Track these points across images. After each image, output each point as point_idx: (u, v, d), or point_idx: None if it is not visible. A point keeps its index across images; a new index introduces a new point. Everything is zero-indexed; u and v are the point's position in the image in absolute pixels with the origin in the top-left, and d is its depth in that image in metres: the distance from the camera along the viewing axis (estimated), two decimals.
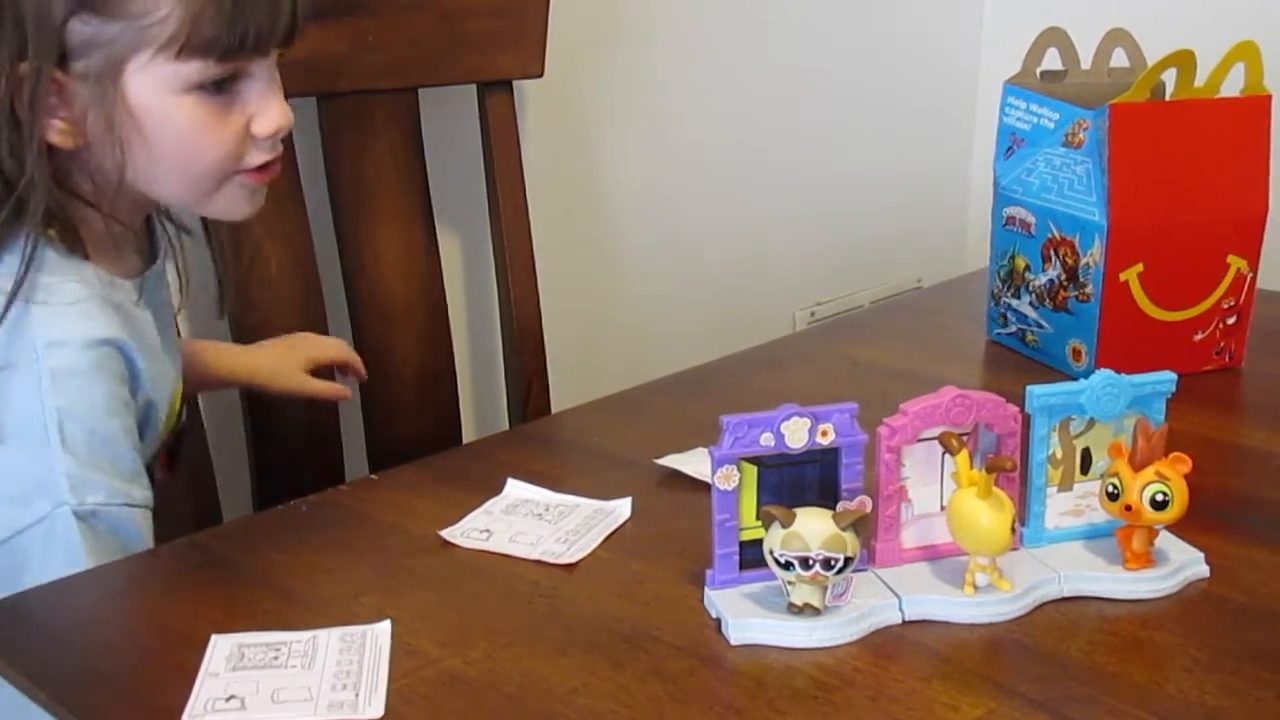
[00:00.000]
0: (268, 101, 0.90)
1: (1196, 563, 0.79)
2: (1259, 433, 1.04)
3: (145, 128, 0.87)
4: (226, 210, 0.95)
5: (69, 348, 0.86)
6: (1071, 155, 1.15)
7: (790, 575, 0.72)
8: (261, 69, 0.90)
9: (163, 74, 0.86)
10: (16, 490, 0.86)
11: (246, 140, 0.90)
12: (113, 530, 0.87)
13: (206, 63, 0.86)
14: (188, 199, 0.93)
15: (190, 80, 0.86)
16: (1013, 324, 1.24)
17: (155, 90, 0.86)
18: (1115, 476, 0.77)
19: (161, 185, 0.91)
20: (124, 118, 0.87)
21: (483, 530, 0.86)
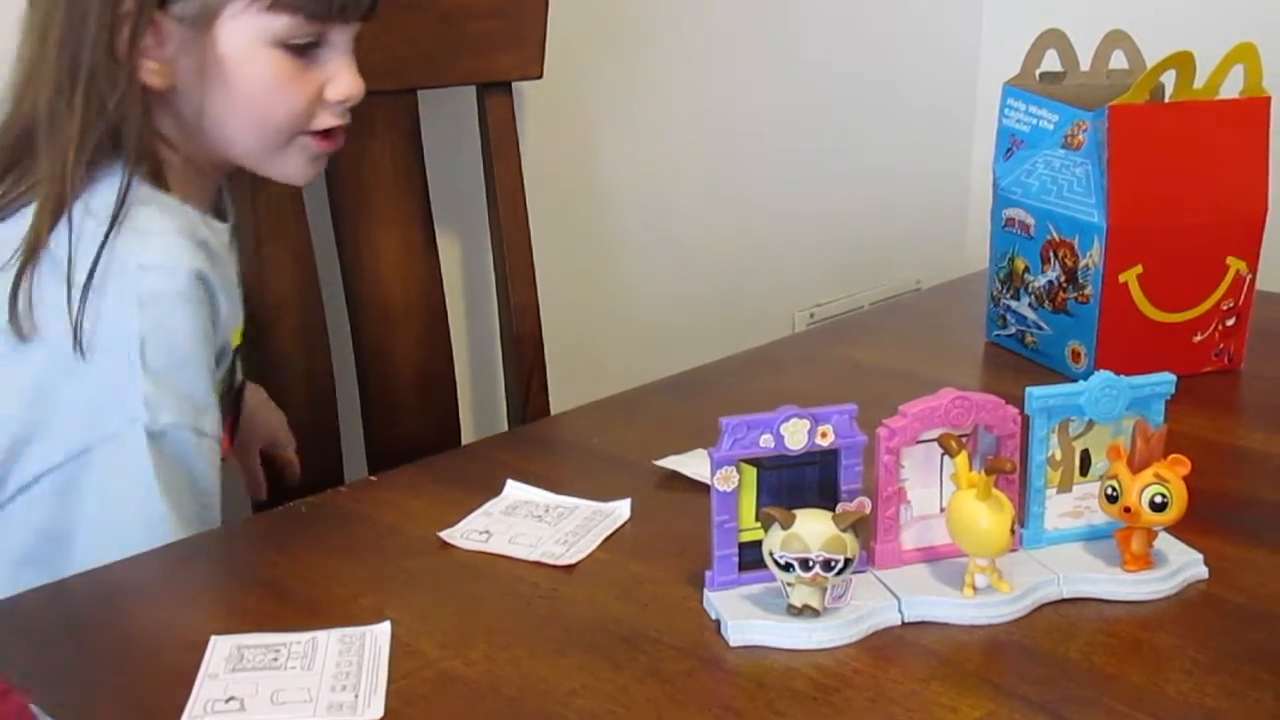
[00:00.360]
0: (342, 69, 0.95)
1: (1195, 564, 0.79)
2: (1258, 434, 1.04)
3: (229, 75, 0.92)
4: (288, 172, 0.99)
5: (159, 273, 0.89)
6: (1071, 157, 1.15)
7: (790, 576, 0.72)
8: (341, 38, 0.95)
9: (253, 25, 0.91)
10: (92, 407, 0.88)
11: (318, 103, 0.95)
12: (179, 456, 0.89)
13: (296, 20, 0.91)
14: (255, 153, 0.96)
15: (277, 35, 0.91)
16: (1012, 325, 1.24)
17: (244, 40, 0.91)
18: (1114, 479, 0.77)
19: (234, 134, 0.95)
20: (211, 63, 0.91)
21: (482, 531, 0.86)
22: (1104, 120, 1.09)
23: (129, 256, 0.88)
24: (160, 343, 0.89)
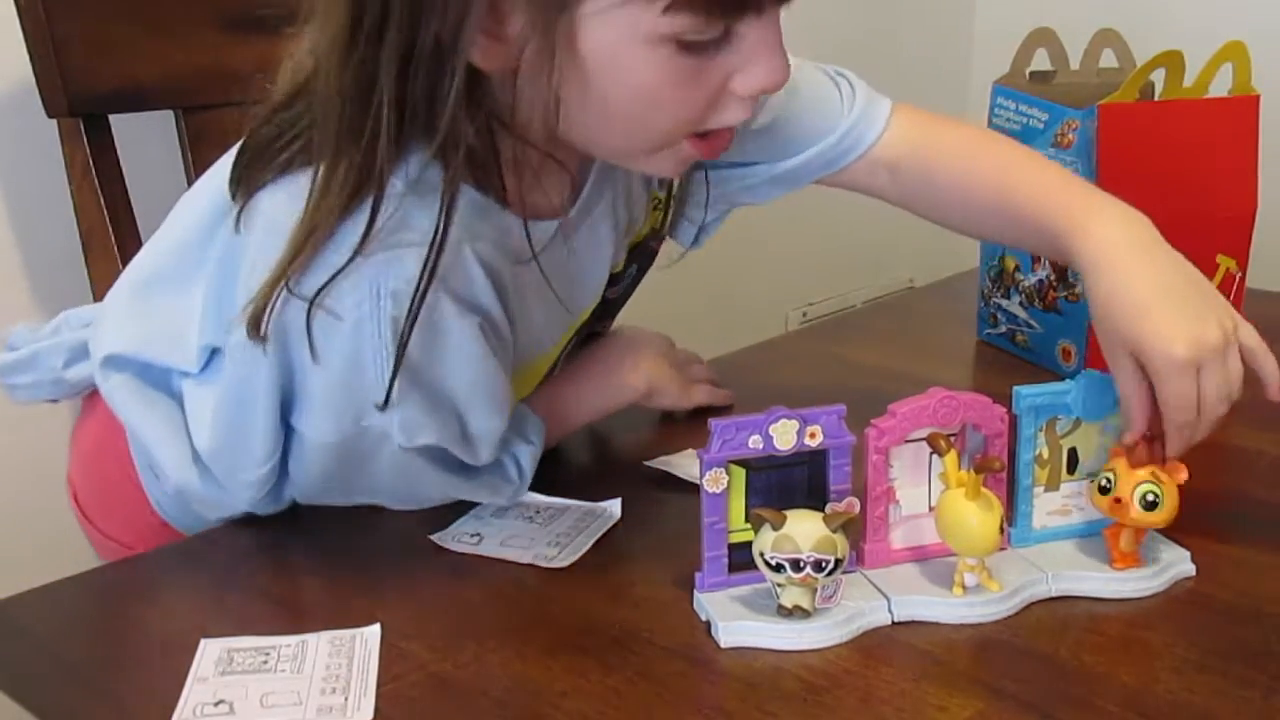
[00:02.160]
0: (759, 55, 0.75)
1: (1183, 561, 0.79)
2: (1247, 432, 1.04)
3: (592, 76, 0.74)
4: (651, 169, 0.87)
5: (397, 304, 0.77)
6: (1061, 155, 1.15)
7: (780, 577, 0.72)
8: (761, 25, 0.75)
9: (634, 22, 0.72)
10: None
11: (720, 99, 0.77)
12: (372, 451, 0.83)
13: (697, 19, 0.72)
14: (619, 155, 0.83)
15: (669, 34, 0.72)
16: (1003, 324, 1.24)
17: (618, 38, 0.73)
18: (1111, 470, 0.77)
19: (593, 136, 0.80)
20: (566, 59, 0.73)
21: (473, 534, 0.86)
22: (1094, 119, 1.09)
23: (378, 279, 0.76)
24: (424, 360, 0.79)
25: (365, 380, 0.79)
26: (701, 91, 0.76)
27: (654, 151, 0.81)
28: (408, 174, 0.76)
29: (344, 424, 0.81)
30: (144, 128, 1.21)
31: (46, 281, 1.23)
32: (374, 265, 0.76)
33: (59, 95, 1.11)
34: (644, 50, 0.73)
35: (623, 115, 0.77)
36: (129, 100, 1.16)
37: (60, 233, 1.19)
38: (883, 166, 1.01)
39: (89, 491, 0.98)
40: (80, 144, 1.14)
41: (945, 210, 1.00)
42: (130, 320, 0.89)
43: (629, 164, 0.86)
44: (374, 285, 0.76)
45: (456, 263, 0.78)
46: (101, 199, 1.14)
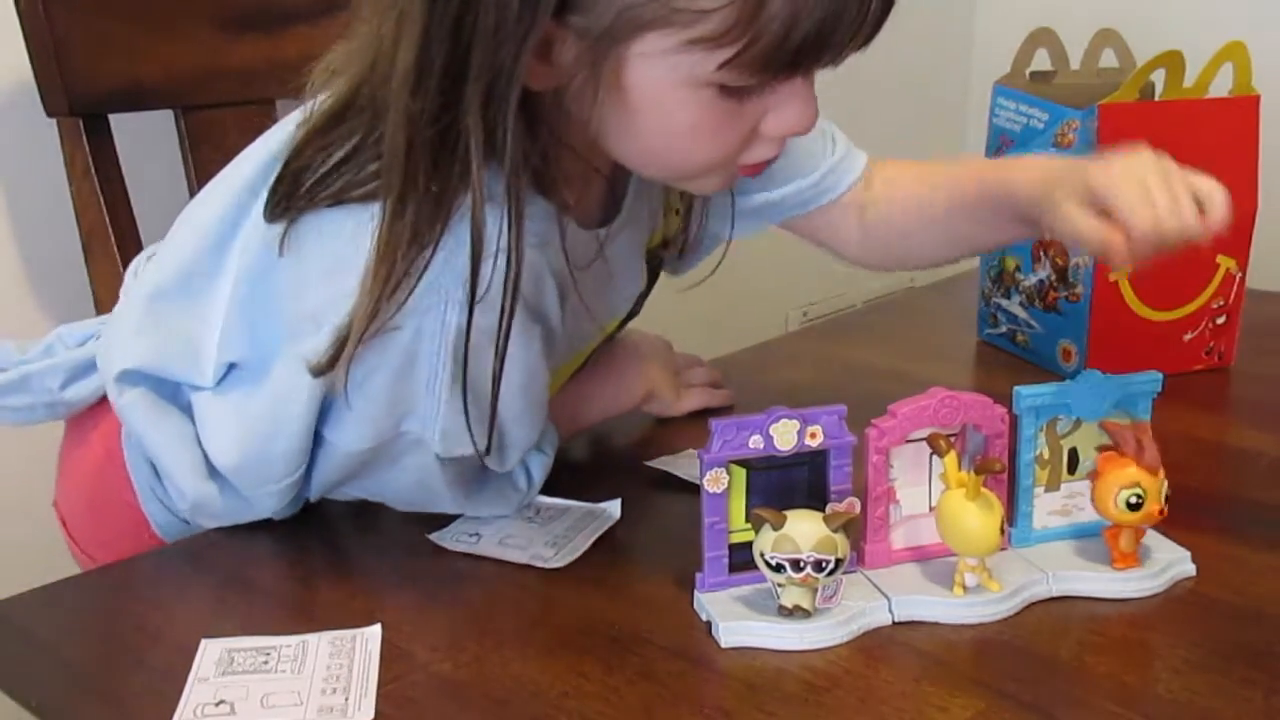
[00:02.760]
0: (793, 100, 0.77)
1: (1183, 561, 0.79)
2: (1248, 432, 1.04)
3: (633, 110, 0.76)
4: (692, 188, 0.89)
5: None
6: (1061, 155, 1.15)
7: (781, 577, 0.72)
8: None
9: (679, 65, 0.73)
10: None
11: (751, 138, 0.79)
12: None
13: (743, 73, 0.73)
14: (653, 176, 0.85)
15: (714, 80, 0.74)
16: (1003, 324, 1.24)
17: (663, 78, 0.74)
18: (1136, 486, 0.76)
19: (630, 160, 0.81)
20: (612, 90, 0.75)
21: (472, 534, 0.86)
22: (1094, 119, 1.09)
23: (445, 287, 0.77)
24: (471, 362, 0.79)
25: (414, 389, 0.79)
26: (735, 133, 0.78)
27: (681, 178, 0.84)
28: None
29: (382, 430, 0.82)
30: (144, 127, 1.21)
31: (46, 281, 1.23)
32: (441, 272, 0.76)
33: (59, 95, 1.11)
34: (687, 92, 0.75)
35: (660, 148, 0.79)
36: (129, 100, 1.16)
37: (60, 233, 1.18)
38: (853, 211, 1.04)
39: (80, 516, 0.97)
40: (80, 143, 1.14)
41: (909, 241, 1.03)
42: (140, 336, 0.89)
43: (673, 184, 0.89)
44: (441, 294, 0.76)
45: (529, 270, 0.78)
46: (101, 198, 1.14)
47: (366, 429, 0.82)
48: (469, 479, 0.87)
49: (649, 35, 0.72)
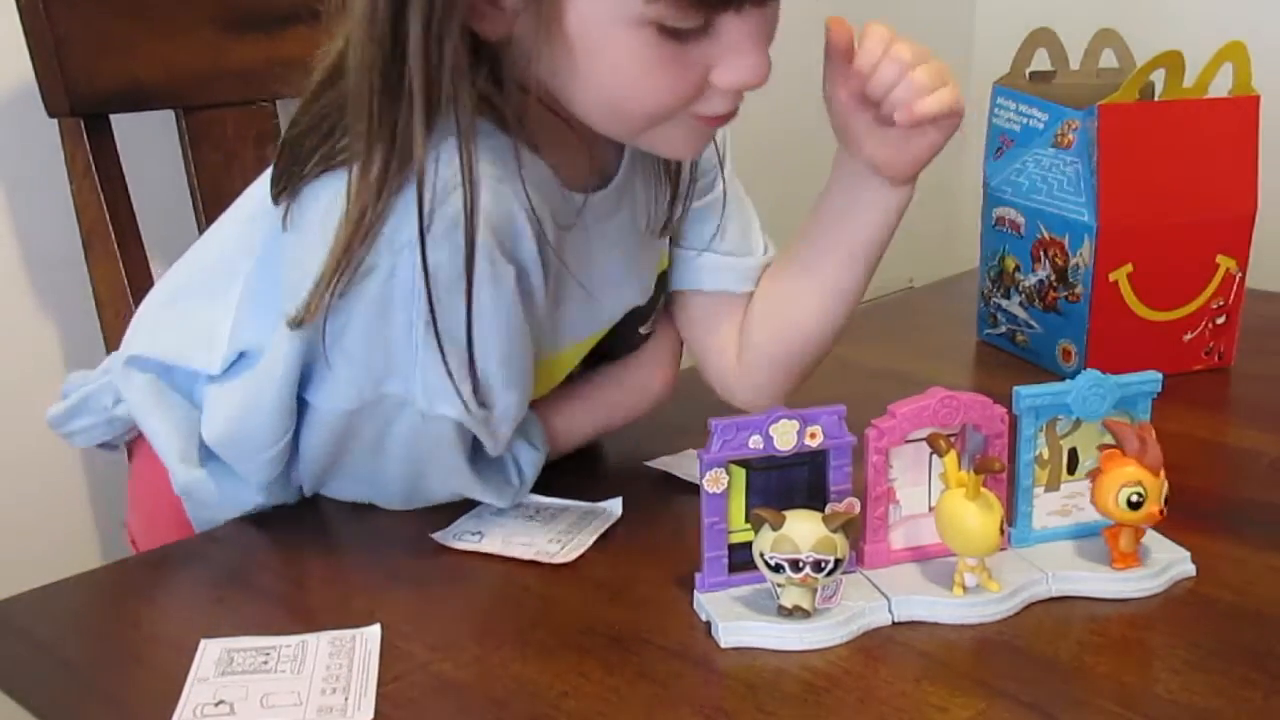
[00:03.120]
0: (740, 51, 0.77)
1: (1183, 562, 0.79)
2: (1248, 432, 1.04)
3: (576, 52, 0.76)
4: (660, 148, 0.86)
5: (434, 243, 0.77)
6: (1060, 156, 1.15)
7: (780, 578, 0.72)
8: (742, 21, 0.77)
9: (618, 3, 0.74)
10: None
11: (702, 88, 0.79)
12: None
13: (677, 7, 0.74)
14: (613, 132, 0.84)
15: (651, 18, 0.74)
16: (1003, 324, 1.24)
17: (602, 17, 0.75)
18: (1139, 485, 0.76)
19: (581, 110, 0.81)
20: (556, 34, 0.76)
21: (474, 532, 0.86)
22: (1093, 119, 1.10)
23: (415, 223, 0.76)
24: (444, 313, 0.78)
25: (391, 339, 0.80)
26: (682, 79, 0.78)
27: (646, 131, 0.82)
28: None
29: (364, 389, 0.82)
30: (145, 127, 1.21)
31: (47, 281, 1.23)
32: (406, 215, 0.76)
33: (60, 95, 1.11)
34: (625, 31, 0.75)
35: (606, 93, 0.79)
36: (130, 100, 1.16)
37: (61, 232, 1.18)
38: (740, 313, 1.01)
39: (144, 534, 0.99)
40: (81, 143, 1.14)
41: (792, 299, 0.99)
42: (159, 327, 0.90)
43: (632, 143, 0.87)
44: (410, 236, 0.76)
45: (498, 201, 0.78)
46: (102, 198, 1.14)
47: (348, 388, 0.82)
48: (459, 467, 0.86)
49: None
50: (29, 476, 1.23)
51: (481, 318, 0.80)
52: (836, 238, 0.96)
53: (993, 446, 0.78)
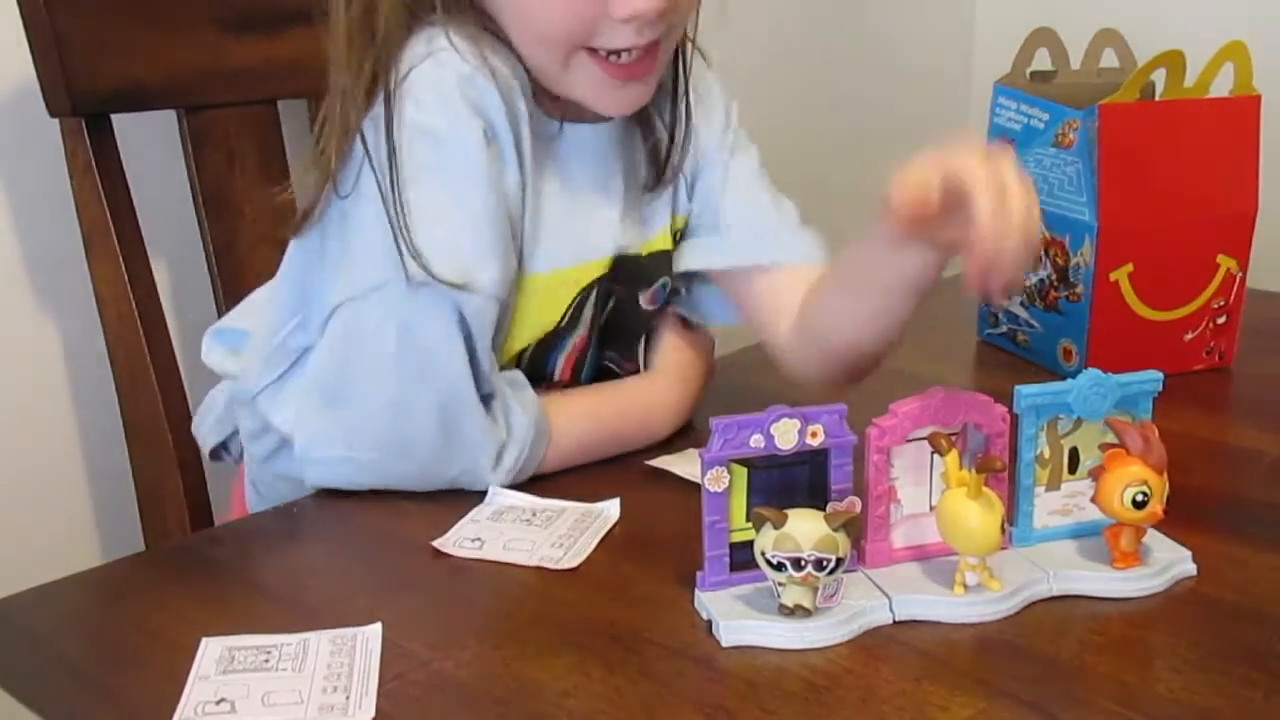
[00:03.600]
0: None
1: (1184, 561, 0.79)
2: (1248, 432, 1.05)
3: None
4: (584, 97, 0.92)
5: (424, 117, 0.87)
6: (1061, 155, 1.15)
7: (782, 576, 0.72)
8: None
9: None
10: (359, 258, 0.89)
11: (602, 19, 0.86)
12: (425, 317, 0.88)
13: None
14: (542, 71, 0.91)
15: None
16: (1004, 324, 1.24)
17: None
18: (1144, 484, 0.76)
19: (521, 48, 0.89)
20: None
21: (474, 539, 0.86)
22: (1094, 119, 1.10)
23: (400, 98, 0.87)
24: (419, 178, 0.87)
25: (368, 205, 0.87)
26: (584, 6, 0.85)
27: (563, 65, 0.89)
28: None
29: (354, 282, 0.88)
30: (146, 127, 1.21)
31: (47, 281, 1.23)
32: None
33: (61, 94, 1.11)
34: None
35: (527, 22, 0.88)
36: (131, 99, 1.16)
37: (61, 232, 1.18)
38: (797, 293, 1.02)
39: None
40: (82, 143, 1.14)
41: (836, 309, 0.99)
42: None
43: (561, 86, 0.91)
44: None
45: (474, 72, 0.87)
46: (103, 197, 1.14)
47: (340, 277, 0.89)
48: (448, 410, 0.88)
49: None
50: (29, 476, 1.23)
51: (454, 175, 0.87)
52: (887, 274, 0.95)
53: (994, 446, 0.78)
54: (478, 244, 0.88)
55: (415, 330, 0.88)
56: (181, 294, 1.27)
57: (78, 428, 1.26)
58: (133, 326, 1.15)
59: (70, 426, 1.26)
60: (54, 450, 1.25)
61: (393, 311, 0.88)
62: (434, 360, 0.88)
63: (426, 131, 0.87)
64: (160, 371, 1.15)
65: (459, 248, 0.88)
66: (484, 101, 0.87)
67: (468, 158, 0.87)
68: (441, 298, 0.87)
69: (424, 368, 0.88)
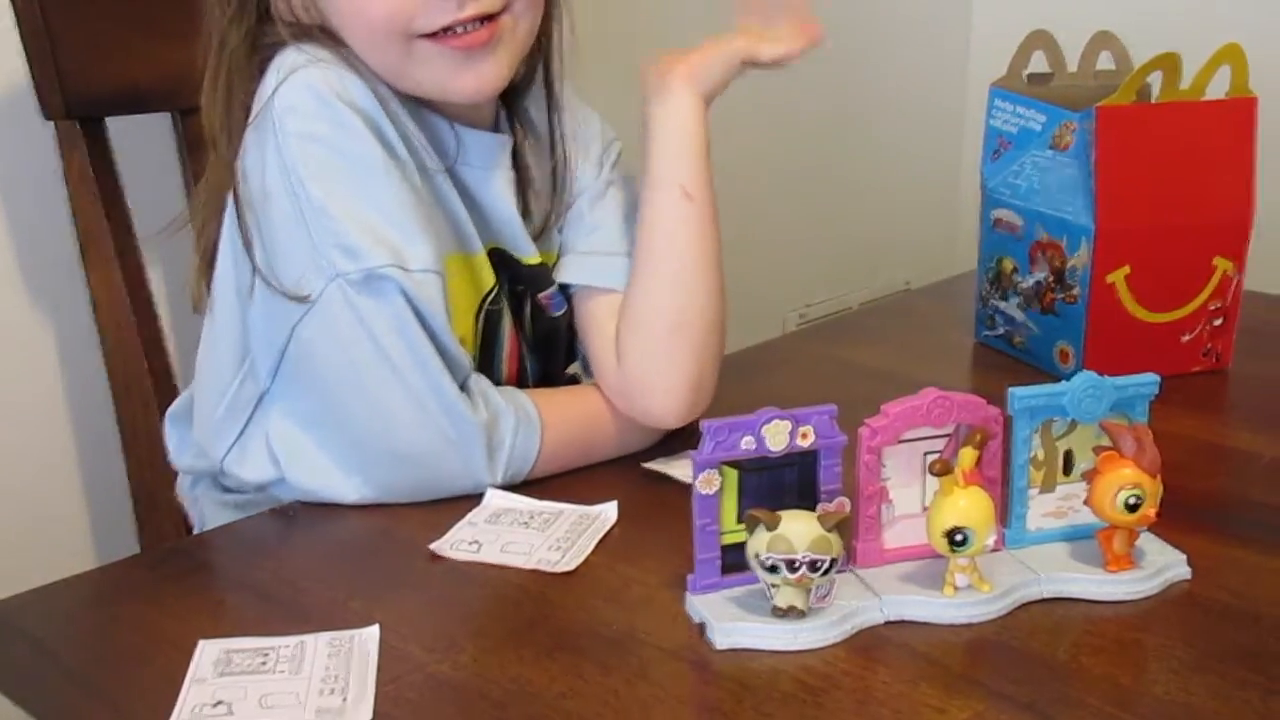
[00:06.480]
0: None
1: (1179, 564, 0.79)
2: (1245, 434, 1.05)
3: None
4: (432, 88, 0.93)
5: (299, 104, 0.88)
6: (1058, 158, 1.15)
7: (776, 578, 0.72)
8: None
9: None
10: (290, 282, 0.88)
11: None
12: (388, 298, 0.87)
13: None
14: (386, 71, 0.92)
15: None
16: (1000, 326, 1.24)
17: None
18: (1137, 488, 0.76)
19: (363, 54, 0.91)
20: None
21: (471, 542, 0.86)
22: (1091, 121, 1.10)
23: (276, 114, 0.88)
24: (322, 179, 0.87)
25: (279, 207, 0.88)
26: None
27: (403, 58, 0.90)
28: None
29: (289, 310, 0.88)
30: (141, 130, 1.21)
31: (43, 284, 1.23)
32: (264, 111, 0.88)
33: (56, 97, 1.11)
34: None
35: (354, 21, 0.90)
36: (126, 102, 1.16)
37: (57, 236, 1.19)
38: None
39: None
40: (78, 146, 1.14)
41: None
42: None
43: (407, 84, 0.93)
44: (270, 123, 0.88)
45: (341, 74, 0.89)
46: (99, 201, 1.14)
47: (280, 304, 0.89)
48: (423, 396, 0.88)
49: None
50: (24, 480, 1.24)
51: (355, 165, 0.87)
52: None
53: (988, 448, 0.78)
54: (398, 221, 0.88)
55: (369, 324, 0.87)
56: (177, 298, 1.27)
57: (73, 432, 1.26)
58: (129, 331, 1.15)
59: (66, 431, 1.26)
60: (49, 455, 1.25)
61: (339, 317, 0.87)
62: (396, 349, 0.87)
63: (314, 138, 0.87)
64: (156, 376, 1.16)
65: (382, 230, 0.87)
66: (359, 100, 0.89)
67: (363, 150, 0.88)
68: (384, 285, 0.87)
69: (388, 360, 0.87)
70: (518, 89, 1.03)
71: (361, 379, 0.88)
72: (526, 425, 0.92)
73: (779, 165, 1.98)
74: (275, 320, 0.90)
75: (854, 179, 2.12)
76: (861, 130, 2.10)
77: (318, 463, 0.91)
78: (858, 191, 2.12)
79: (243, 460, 0.95)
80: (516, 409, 0.92)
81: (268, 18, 0.92)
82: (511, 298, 1.02)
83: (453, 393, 0.88)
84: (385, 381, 0.88)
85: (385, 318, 0.87)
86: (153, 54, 1.15)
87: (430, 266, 0.88)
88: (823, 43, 0.99)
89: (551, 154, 1.04)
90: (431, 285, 0.88)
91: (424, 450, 0.89)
